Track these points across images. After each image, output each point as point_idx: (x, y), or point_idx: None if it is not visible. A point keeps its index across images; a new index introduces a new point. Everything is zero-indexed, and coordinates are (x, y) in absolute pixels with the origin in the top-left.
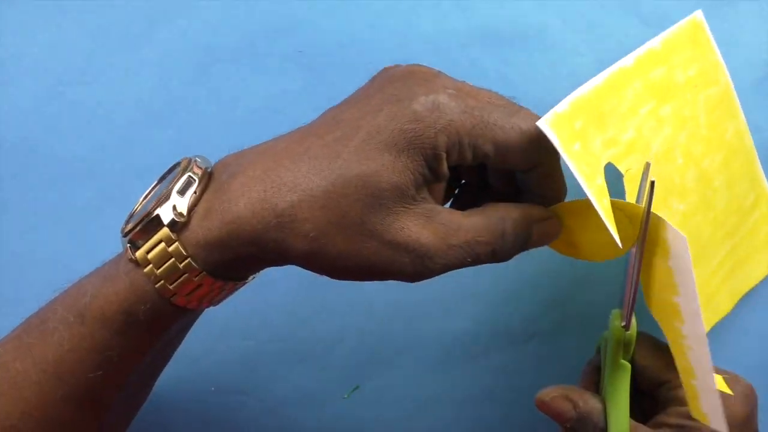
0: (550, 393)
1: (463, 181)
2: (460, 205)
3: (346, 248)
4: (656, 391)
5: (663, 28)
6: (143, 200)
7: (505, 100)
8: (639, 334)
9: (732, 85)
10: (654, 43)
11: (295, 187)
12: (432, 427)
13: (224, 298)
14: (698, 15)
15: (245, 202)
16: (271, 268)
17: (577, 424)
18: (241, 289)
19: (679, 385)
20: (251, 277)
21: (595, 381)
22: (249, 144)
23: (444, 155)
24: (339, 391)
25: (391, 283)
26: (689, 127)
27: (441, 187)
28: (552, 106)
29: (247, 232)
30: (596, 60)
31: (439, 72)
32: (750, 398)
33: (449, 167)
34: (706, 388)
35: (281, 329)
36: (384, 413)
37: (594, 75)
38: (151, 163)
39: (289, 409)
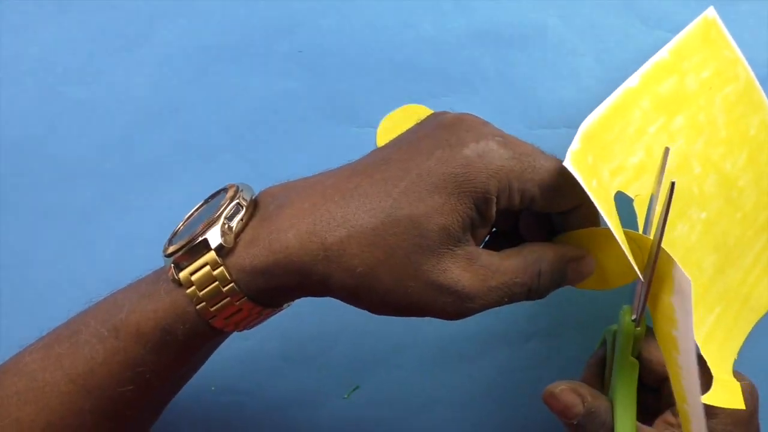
0: (558, 385)
1: (494, 229)
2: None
3: (391, 286)
4: (661, 386)
5: (663, 27)
6: (186, 221)
7: (541, 150)
8: (647, 329)
9: (754, 78)
10: (662, 54)
11: (344, 222)
12: (432, 427)
13: (259, 323)
14: (710, 12)
15: (294, 233)
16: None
17: (584, 420)
18: None
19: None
20: (287, 304)
21: (598, 373)
22: (248, 144)
23: (494, 199)
24: (339, 391)
25: None
26: (706, 132)
27: (485, 232)
28: (552, 107)
29: (294, 263)
30: (596, 60)
31: (486, 122)
32: (753, 396)
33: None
34: (696, 414)
35: (281, 329)
36: (384, 413)
37: (594, 75)
38: (151, 163)
39: (288, 409)
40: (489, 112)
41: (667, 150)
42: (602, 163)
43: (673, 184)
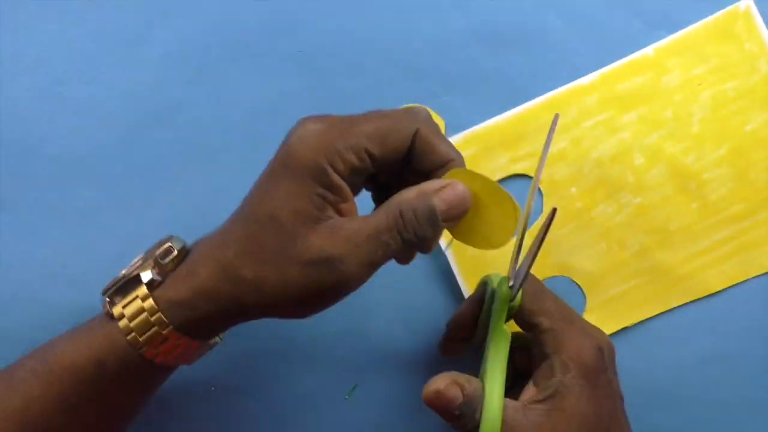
0: (441, 382)
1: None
2: None
3: (278, 280)
4: (529, 333)
5: (663, 27)
6: (128, 269)
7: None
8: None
9: None
10: (646, 51)
11: (230, 241)
12: (432, 427)
13: (191, 356)
14: (743, 3)
15: (202, 263)
16: None
17: (463, 408)
18: None
19: (546, 330)
20: (217, 338)
21: (474, 313)
22: (248, 143)
23: (327, 168)
24: (339, 391)
25: (392, 283)
26: (668, 128)
27: (349, 205)
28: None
29: (207, 290)
30: (596, 60)
31: (321, 115)
32: (604, 353)
33: (346, 178)
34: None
35: (281, 329)
36: (384, 413)
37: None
38: (151, 163)
39: (289, 408)
40: (489, 112)
41: (557, 116)
42: (503, 150)
43: (554, 210)
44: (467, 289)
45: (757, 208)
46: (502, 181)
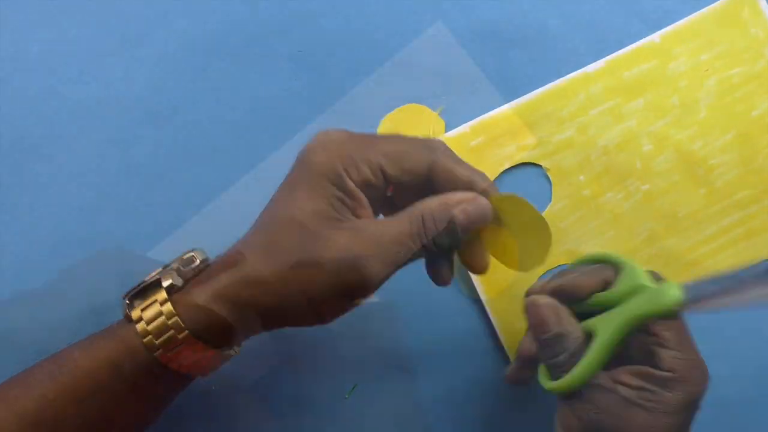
0: (544, 298)
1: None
2: None
3: (300, 281)
4: (644, 340)
5: (663, 27)
6: (151, 276)
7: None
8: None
9: None
10: (652, 38)
11: (251, 246)
12: (432, 426)
13: (206, 366)
14: None
15: (223, 269)
16: None
17: (552, 340)
18: None
19: (670, 347)
20: (232, 350)
21: (605, 279)
22: (248, 143)
23: (344, 174)
24: (339, 391)
25: (391, 283)
26: (674, 114)
27: (366, 213)
28: None
29: (225, 295)
30: (596, 59)
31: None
32: (705, 391)
33: (361, 189)
34: None
35: (281, 329)
36: (384, 413)
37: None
38: (150, 162)
39: (289, 408)
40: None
41: None
42: (510, 139)
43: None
44: (482, 288)
45: (764, 194)
46: (510, 169)
